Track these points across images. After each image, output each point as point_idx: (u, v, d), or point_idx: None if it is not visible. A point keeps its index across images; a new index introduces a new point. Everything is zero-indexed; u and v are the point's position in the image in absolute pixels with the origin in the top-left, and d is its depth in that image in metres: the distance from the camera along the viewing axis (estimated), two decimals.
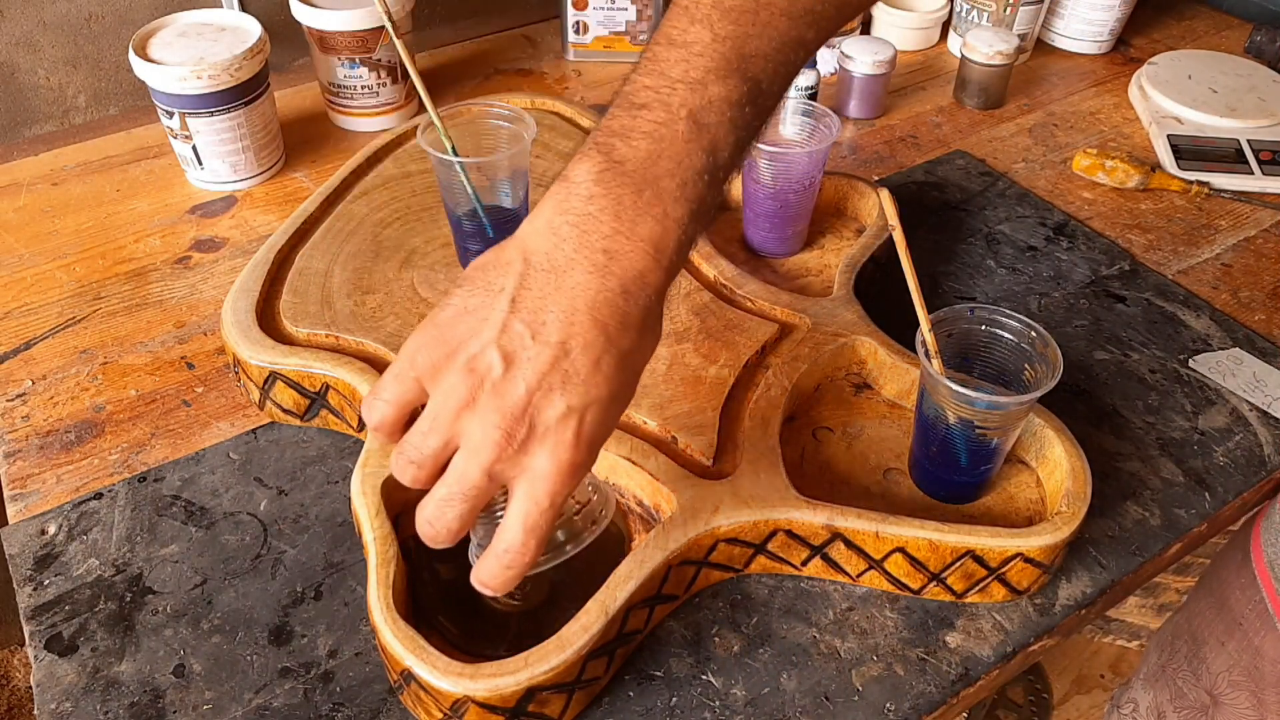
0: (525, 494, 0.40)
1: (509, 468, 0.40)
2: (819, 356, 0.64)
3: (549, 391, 0.39)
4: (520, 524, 0.40)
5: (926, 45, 1.13)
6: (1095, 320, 0.76)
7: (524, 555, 0.41)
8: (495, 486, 0.41)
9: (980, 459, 0.57)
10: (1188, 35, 1.16)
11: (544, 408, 0.39)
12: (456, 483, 0.40)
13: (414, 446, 0.41)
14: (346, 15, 0.87)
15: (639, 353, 0.42)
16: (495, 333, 0.39)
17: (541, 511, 0.40)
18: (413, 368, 0.41)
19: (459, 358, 0.40)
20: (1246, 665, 0.71)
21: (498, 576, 0.42)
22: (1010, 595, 0.56)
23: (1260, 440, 0.67)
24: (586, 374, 0.39)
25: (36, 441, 0.65)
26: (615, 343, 0.40)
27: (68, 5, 0.91)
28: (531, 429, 0.39)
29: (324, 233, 0.74)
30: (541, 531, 0.41)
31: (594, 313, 0.39)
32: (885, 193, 0.54)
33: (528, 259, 0.41)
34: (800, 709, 0.52)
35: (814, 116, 0.73)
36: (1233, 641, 0.72)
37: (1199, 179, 0.89)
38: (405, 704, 0.51)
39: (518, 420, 0.39)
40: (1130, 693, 0.89)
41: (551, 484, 0.40)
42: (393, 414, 0.42)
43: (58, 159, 0.91)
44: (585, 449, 0.40)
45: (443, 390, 0.40)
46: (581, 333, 0.39)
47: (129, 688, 0.52)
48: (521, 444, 0.39)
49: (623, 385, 0.41)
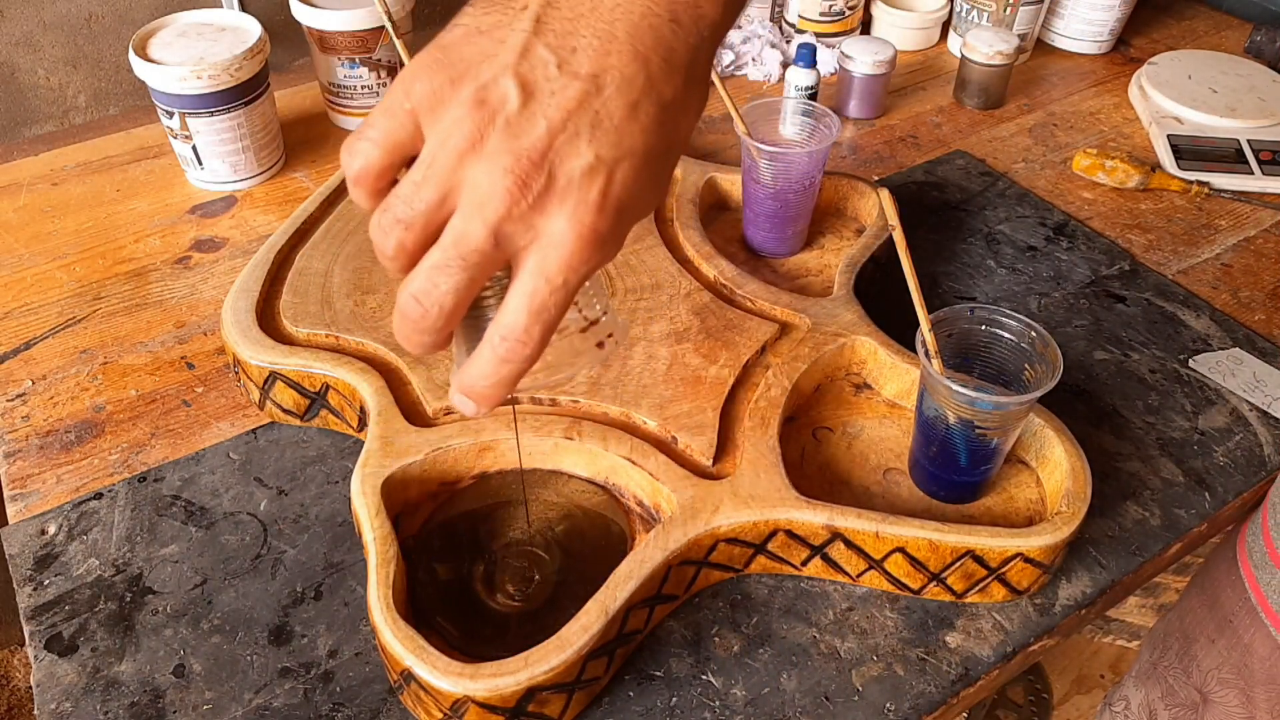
0: (535, 266, 0.33)
1: (520, 229, 0.32)
2: (819, 356, 0.64)
3: (574, 136, 0.32)
4: (525, 304, 0.33)
5: (926, 45, 1.13)
6: (1095, 320, 0.76)
7: (525, 346, 0.33)
8: (501, 255, 0.33)
9: (980, 459, 0.57)
10: (1188, 35, 1.16)
11: (567, 156, 0.32)
12: (454, 245, 0.33)
13: (403, 200, 0.33)
14: (346, 15, 0.87)
15: (683, 110, 0.34)
16: (514, 57, 0.32)
17: (553, 290, 0.33)
18: (408, 98, 0.33)
19: (465, 86, 0.32)
20: (1236, 662, 0.71)
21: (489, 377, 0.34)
22: (1010, 595, 0.56)
23: (1260, 440, 0.67)
24: (621, 119, 0.32)
25: (36, 441, 0.65)
26: (657, 86, 0.33)
27: (68, 5, 0.91)
28: (550, 181, 0.32)
29: (324, 233, 0.74)
30: (549, 317, 0.33)
31: (636, 42, 0.32)
32: (885, 193, 0.54)
33: None
34: (800, 709, 0.52)
35: (814, 116, 0.73)
36: (1223, 639, 0.72)
37: (1199, 179, 0.89)
38: (405, 704, 0.51)
39: (535, 167, 0.32)
40: (1122, 690, 0.89)
41: (568, 254, 0.32)
42: (378, 159, 0.34)
43: (58, 159, 0.91)
44: (612, 215, 0.33)
45: (443, 127, 0.33)
46: (619, 66, 0.32)
47: (129, 688, 0.52)
48: (537, 199, 0.32)
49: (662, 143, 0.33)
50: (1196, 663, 0.76)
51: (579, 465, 0.60)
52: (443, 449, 0.58)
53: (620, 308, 0.68)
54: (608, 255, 0.34)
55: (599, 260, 0.33)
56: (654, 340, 0.65)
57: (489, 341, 0.34)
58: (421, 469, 0.57)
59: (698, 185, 0.79)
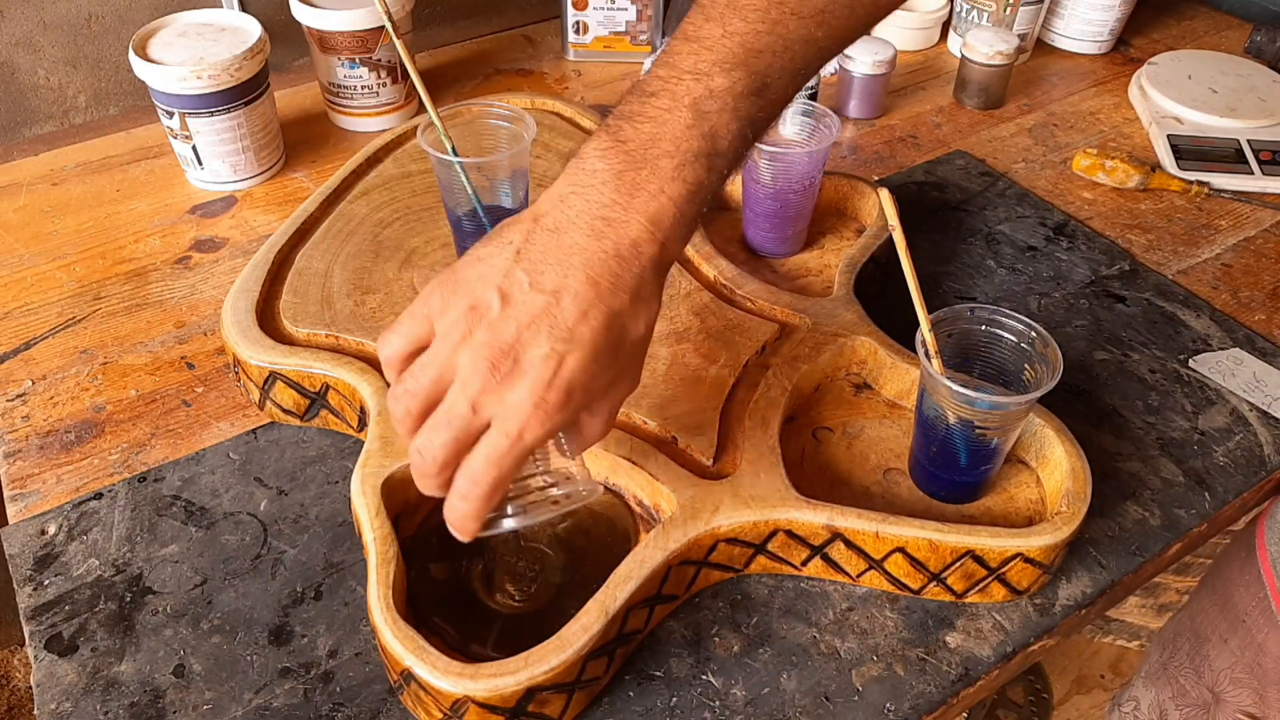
0: (497, 426, 0.42)
1: (491, 401, 0.42)
2: (819, 356, 0.64)
3: (536, 332, 0.42)
4: (484, 454, 0.42)
5: (926, 45, 1.13)
6: (1095, 320, 0.76)
7: (480, 487, 0.43)
8: (480, 420, 0.43)
9: (980, 459, 0.57)
10: (1188, 35, 1.16)
11: (529, 345, 0.42)
12: (444, 412, 0.43)
13: (413, 376, 0.44)
14: (346, 15, 0.87)
15: (632, 317, 0.44)
16: (499, 278, 0.43)
17: (510, 443, 0.42)
18: (425, 306, 0.45)
19: (464, 298, 0.43)
20: (1249, 662, 0.71)
21: (455, 509, 0.44)
22: (1010, 595, 0.56)
23: (1260, 440, 0.67)
24: (573, 322, 0.42)
25: (36, 441, 0.65)
26: (605, 300, 0.43)
27: (68, 5, 0.91)
28: (515, 364, 0.42)
29: (324, 233, 0.74)
30: (504, 467, 0.42)
31: (588, 269, 0.43)
32: (885, 193, 0.54)
33: (537, 219, 0.44)
34: (800, 709, 0.52)
35: (814, 116, 0.73)
36: (1235, 639, 0.72)
37: (1199, 179, 0.89)
38: (405, 704, 0.51)
39: (504, 354, 0.42)
40: (1131, 691, 0.89)
41: (522, 418, 0.42)
42: (403, 348, 0.46)
43: (58, 159, 0.91)
44: (562, 391, 0.42)
45: (445, 325, 0.44)
46: (574, 286, 0.42)
47: (129, 688, 0.52)
48: (504, 377, 0.42)
49: (610, 343, 0.43)
50: (1208, 662, 0.76)
51: None
52: None
53: None
54: (557, 424, 0.43)
55: (551, 425, 0.43)
56: (654, 340, 0.65)
57: (455, 488, 0.44)
58: None
59: None
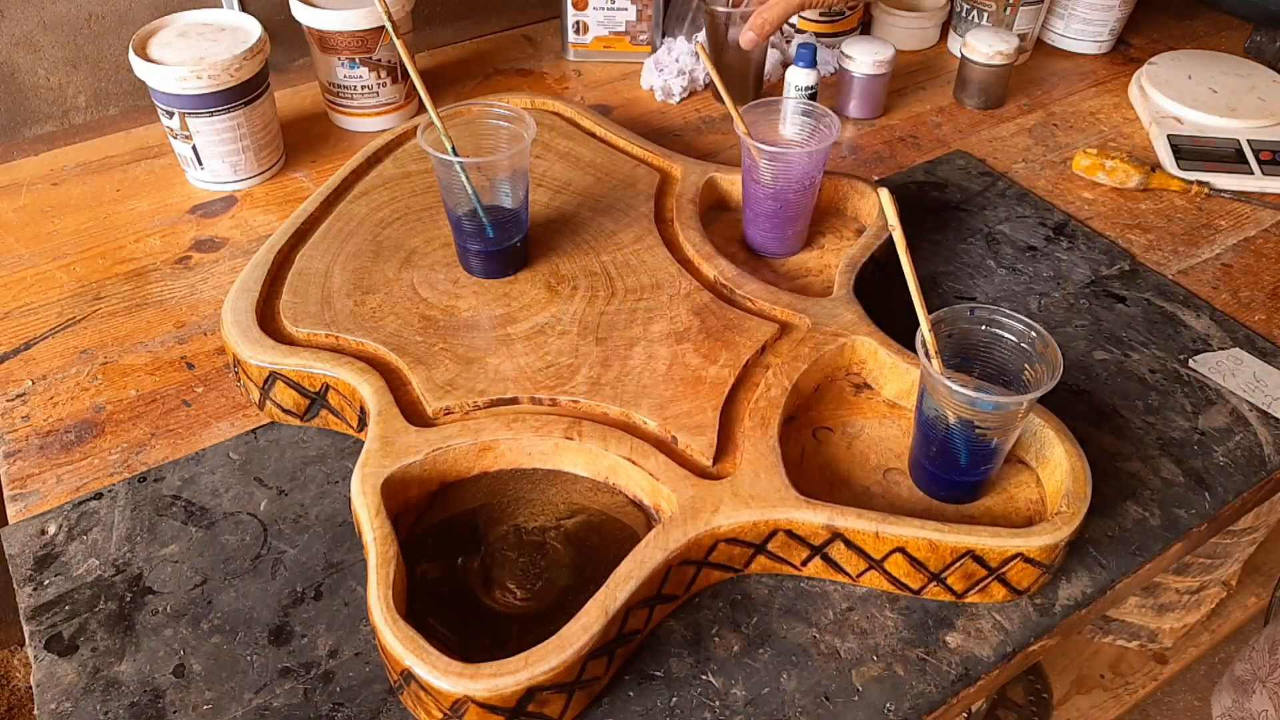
0: None
1: None
2: (819, 356, 0.64)
3: None
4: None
5: (926, 45, 1.13)
6: (1095, 320, 0.76)
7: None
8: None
9: (980, 459, 0.57)
10: (1188, 35, 1.16)
11: None
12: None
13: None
14: (346, 15, 0.87)
15: None
16: None
17: None
18: None
19: None
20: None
21: None
22: (1010, 595, 0.56)
23: (1260, 440, 0.67)
24: None
25: (36, 441, 0.65)
26: None
27: (68, 5, 0.91)
28: None
29: (324, 233, 0.75)
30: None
31: None
32: (885, 193, 0.54)
33: None
34: (800, 709, 0.52)
35: (814, 116, 0.73)
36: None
37: (1199, 179, 0.89)
38: (405, 704, 0.51)
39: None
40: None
41: None
42: None
43: (58, 159, 0.91)
44: None
45: None
46: None
47: (129, 688, 0.52)
48: None
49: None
50: None
51: (579, 465, 0.60)
52: (443, 449, 0.58)
53: (620, 308, 0.68)
54: None
55: None
56: (654, 340, 0.65)
57: None
58: (421, 469, 0.57)
59: (698, 185, 0.79)
